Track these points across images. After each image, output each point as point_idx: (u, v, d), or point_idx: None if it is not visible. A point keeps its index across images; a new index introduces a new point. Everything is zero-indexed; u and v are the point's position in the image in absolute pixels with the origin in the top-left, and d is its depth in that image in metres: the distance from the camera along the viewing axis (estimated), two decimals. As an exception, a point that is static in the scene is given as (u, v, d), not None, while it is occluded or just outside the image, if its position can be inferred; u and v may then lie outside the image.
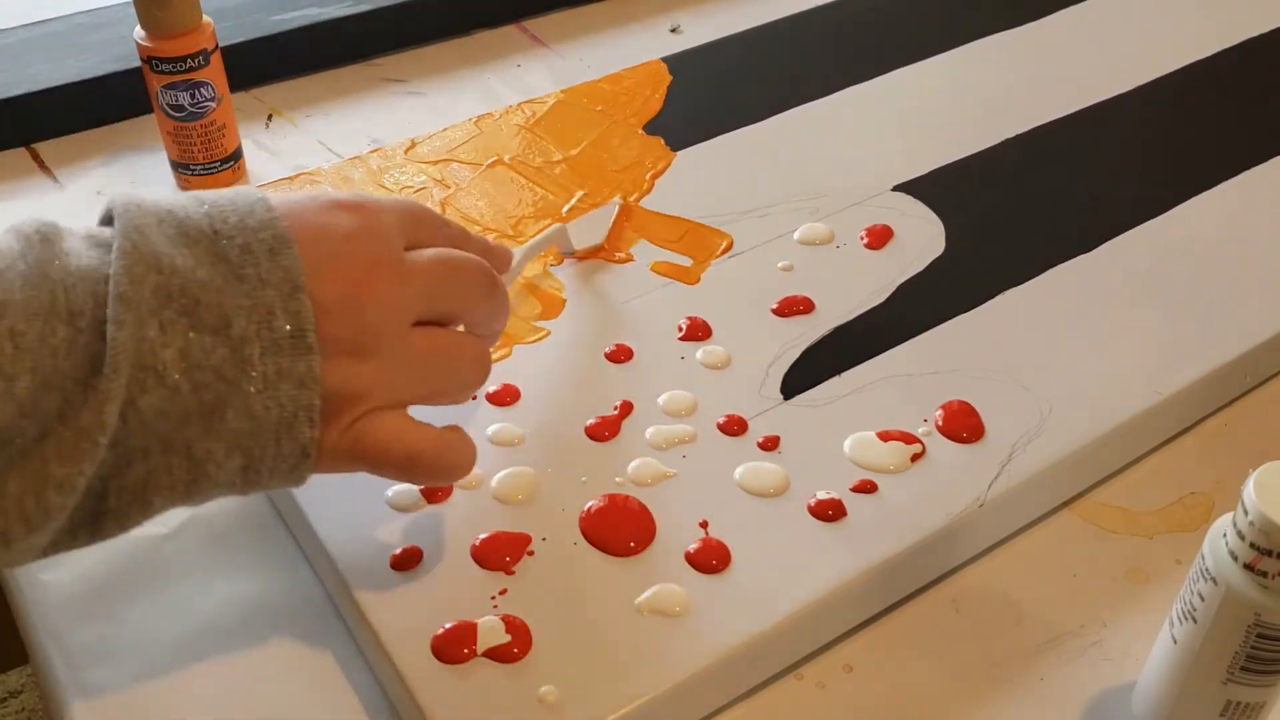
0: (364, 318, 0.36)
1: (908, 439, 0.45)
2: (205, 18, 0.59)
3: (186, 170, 0.62)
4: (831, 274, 0.54)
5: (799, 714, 0.40)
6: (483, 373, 0.41)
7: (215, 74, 0.60)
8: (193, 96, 0.59)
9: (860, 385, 0.48)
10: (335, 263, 0.36)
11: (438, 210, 0.49)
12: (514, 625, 0.39)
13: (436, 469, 0.39)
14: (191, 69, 0.58)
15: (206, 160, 0.62)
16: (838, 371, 0.49)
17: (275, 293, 0.34)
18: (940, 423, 0.46)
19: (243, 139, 0.65)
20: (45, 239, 0.32)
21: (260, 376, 0.33)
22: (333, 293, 0.35)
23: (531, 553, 0.41)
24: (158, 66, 0.58)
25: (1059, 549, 0.45)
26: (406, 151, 0.61)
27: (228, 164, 0.63)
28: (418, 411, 0.39)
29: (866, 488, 0.44)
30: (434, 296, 0.38)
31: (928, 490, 0.44)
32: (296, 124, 0.68)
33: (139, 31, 0.58)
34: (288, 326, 0.34)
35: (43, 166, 0.65)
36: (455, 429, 0.40)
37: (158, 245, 0.33)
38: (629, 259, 0.54)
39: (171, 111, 0.60)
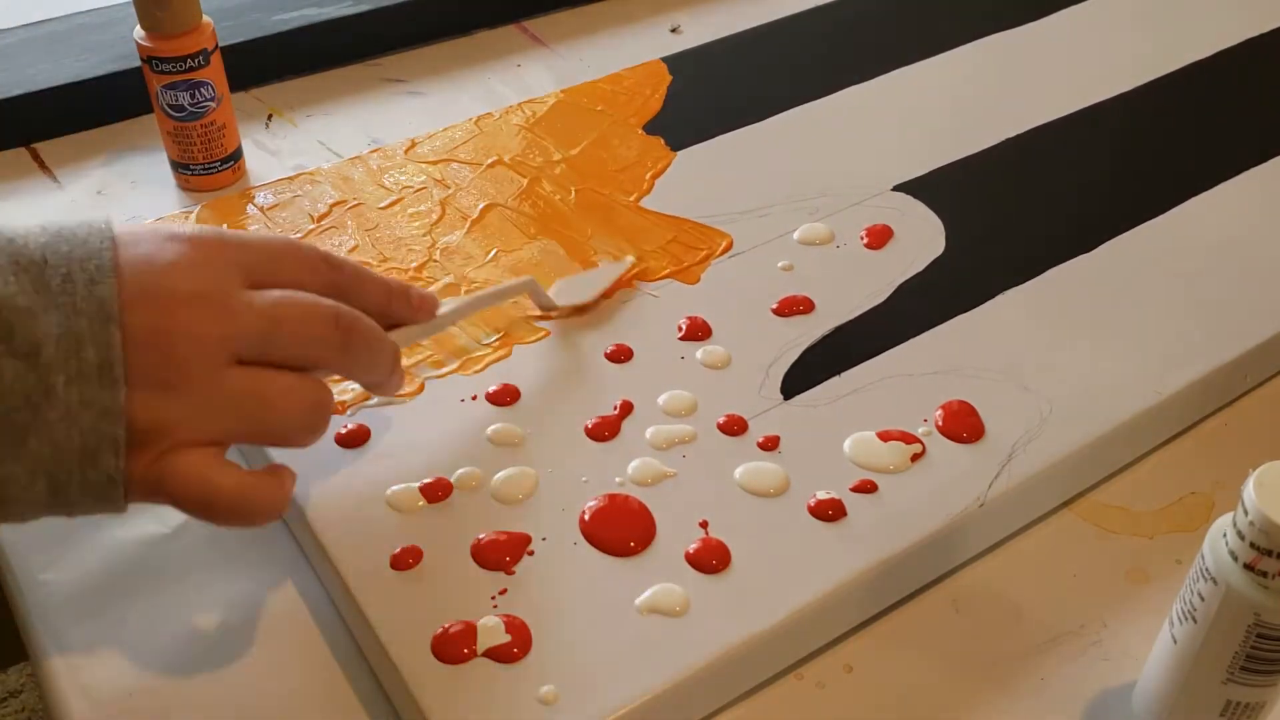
0: (174, 350, 0.35)
1: (908, 439, 0.45)
2: (205, 18, 0.59)
3: (186, 170, 0.62)
4: (831, 274, 0.54)
5: (799, 714, 0.40)
6: (315, 419, 0.39)
7: (215, 74, 0.60)
8: (193, 96, 0.59)
9: (860, 385, 0.48)
10: (152, 293, 0.35)
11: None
12: (514, 625, 0.39)
13: (234, 513, 0.37)
14: (191, 69, 0.58)
15: (206, 160, 0.62)
16: (838, 371, 0.49)
17: (87, 322, 0.34)
18: (940, 423, 0.46)
19: (243, 139, 0.65)
20: None
21: (63, 404, 0.34)
22: (144, 323, 0.35)
23: (531, 553, 0.41)
24: (158, 66, 0.58)
25: (1059, 549, 0.45)
26: (406, 151, 0.61)
27: (228, 164, 0.63)
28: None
29: (866, 488, 0.44)
30: (263, 338, 0.37)
31: (928, 490, 0.44)
32: (296, 124, 0.68)
33: (139, 31, 0.58)
34: (95, 357, 0.34)
35: (43, 166, 0.65)
36: (272, 471, 0.39)
37: None
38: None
39: (171, 111, 0.60)
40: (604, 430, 0.46)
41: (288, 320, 0.38)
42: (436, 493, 0.43)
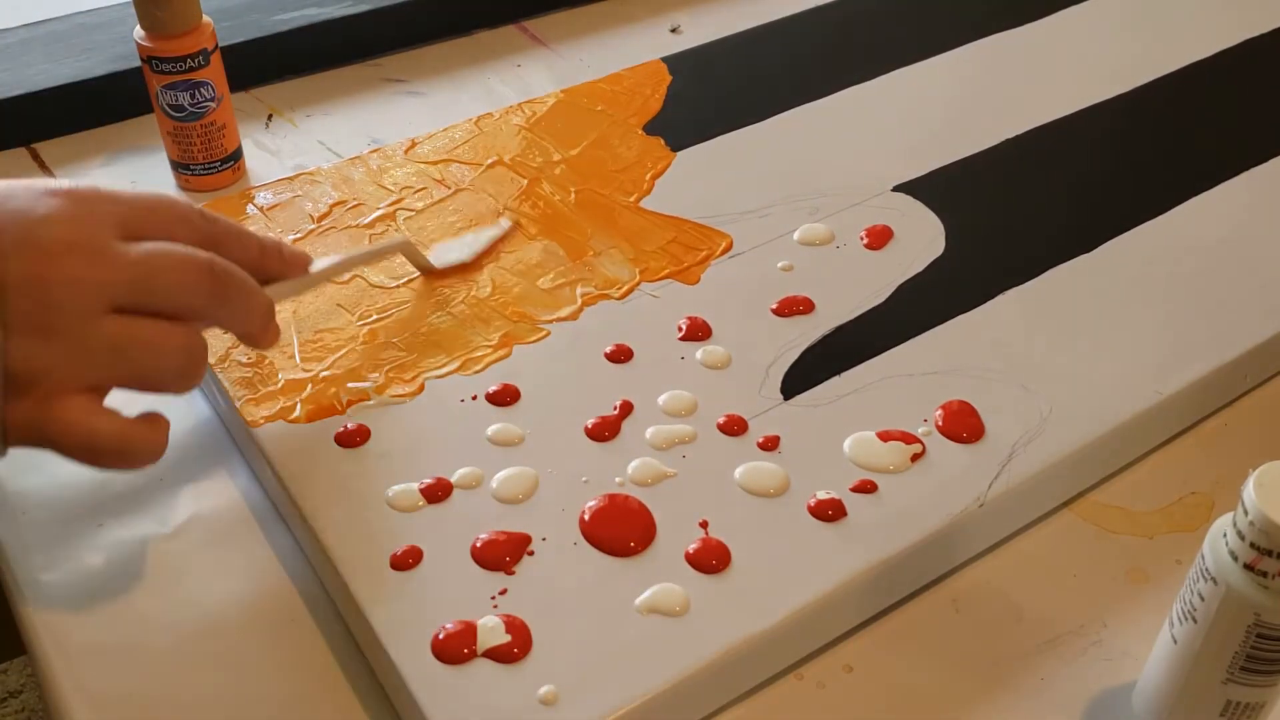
0: (50, 296, 0.37)
1: (908, 439, 0.45)
2: (205, 18, 0.59)
3: (186, 170, 0.62)
4: (831, 274, 0.54)
5: (799, 714, 0.40)
6: (190, 364, 0.40)
7: (215, 74, 0.60)
8: (193, 96, 0.59)
9: (860, 385, 0.48)
10: (30, 243, 0.37)
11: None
12: (514, 625, 0.39)
13: (117, 457, 0.39)
14: (191, 69, 0.58)
15: (206, 160, 0.62)
16: (838, 371, 0.49)
17: None
18: (940, 423, 0.46)
19: (243, 139, 0.65)
20: None
21: None
22: (20, 271, 0.36)
23: (531, 553, 0.41)
24: (158, 66, 0.58)
25: (1059, 549, 0.45)
26: (406, 151, 0.61)
27: (228, 164, 0.63)
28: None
29: (866, 488, 0.44)
30: (137, 287, 0.38)
31: (928, 490, 0.44)
32: (296, 124, 0.68)
33: (139, 31, 0.58)
34: None
35: (43, 166, 0.65)
36: (149, 418, 0.40)
37: None
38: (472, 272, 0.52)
39: (171, 111, 0.60)
40: (604, 430, 0.46)
41: (163, 269, 0.39)
42: (436, 493, 0.43)
